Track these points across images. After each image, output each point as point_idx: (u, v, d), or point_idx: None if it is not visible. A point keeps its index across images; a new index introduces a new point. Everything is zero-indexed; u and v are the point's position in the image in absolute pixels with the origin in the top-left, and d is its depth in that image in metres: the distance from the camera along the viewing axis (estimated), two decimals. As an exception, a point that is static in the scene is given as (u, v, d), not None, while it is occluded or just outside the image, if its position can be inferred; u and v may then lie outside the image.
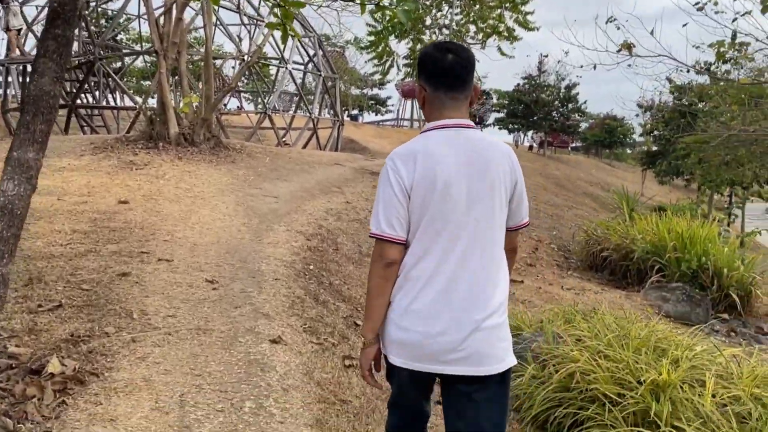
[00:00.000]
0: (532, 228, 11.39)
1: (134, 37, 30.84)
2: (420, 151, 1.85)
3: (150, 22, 10.68)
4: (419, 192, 1.82)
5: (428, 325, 1.82)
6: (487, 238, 1.86)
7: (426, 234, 1.84)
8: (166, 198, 7.28)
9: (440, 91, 1.91)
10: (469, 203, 1.83)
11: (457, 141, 1.87)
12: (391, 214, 1.83)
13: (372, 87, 52.35)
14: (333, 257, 6.02)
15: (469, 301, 1.82)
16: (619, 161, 61.88)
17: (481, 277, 1.84)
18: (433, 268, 1.83)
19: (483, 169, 1.85)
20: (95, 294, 3.75)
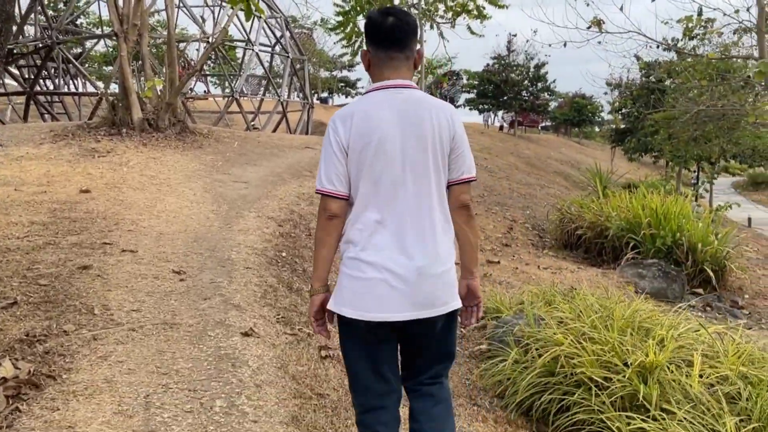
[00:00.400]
0: (506, 208, 11.36)
1: (95, 21, 29.89)
2: (357, 111, 1.97)
3: (109, 3, 10.25)
4: (356, 149, 1.93)
5: (376, 272, 1.91)
6: (423, 190, 1.95)
7: (366, 189, 1.94)
8: (130, 186, 7.01)
9: (380, 51, 2.02)
10: (404, 158, 1.93)
11: (394, 100, 1.97)
12: (330, 171, 1.95)
13: (341, 69, 51.78)
14: (306, 243, 5.84)
15: (413, 248, 1.92)
16: (588, 139, 62.59)
17: (422, 225, 1.94)
18: (374, 222, 1.93)
19: (417, 125, 1.95)
20: (53, 289, 3.53)
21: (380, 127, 1.93)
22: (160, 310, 3.44)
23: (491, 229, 9.52)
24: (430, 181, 1.96)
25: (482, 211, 10.52)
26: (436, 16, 18.64)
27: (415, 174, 1.95)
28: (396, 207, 1.93)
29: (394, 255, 1.92)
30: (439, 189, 1.99)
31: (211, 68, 32.07)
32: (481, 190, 12.44)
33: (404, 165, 1.94)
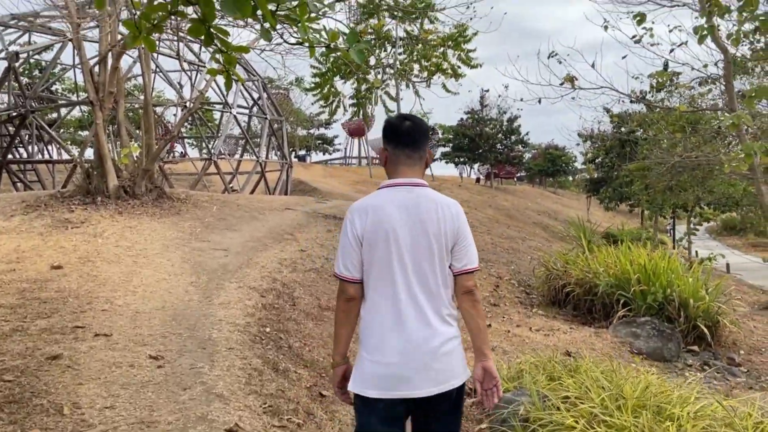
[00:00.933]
0: (490, 264, 11.23)
1: (70, 87, 29.91)
2: (372, 205, 2.23)
3: (84, 72, 10.18)
4: (370, 240, 2.18)
5: (382, 355, 2.15)
6: (429, 280, 2.18)
7: (378, 276, 2.19)
8: (105, 259, 6.74)
9: (398, 150, 2.30)
10: (412, 250, 2.18)
11: (406, 197, 2.23)
12: (347, 260, 2.22)
13: (318, 127, 52.37)
14: (290, 314, 5.61)
15: (422, 333, 2.15)
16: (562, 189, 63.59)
17: (429, 312, 2.17)
18: (384, 305, 2.17)
19: (425, 221, 2.19)
20: (20, 386, 3.24)
21: (392, 221, 2.18)
22: (136, 406, 3.17)
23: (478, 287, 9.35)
24: (436, 271, 2.20)
25: (467, 269, 10.37)
26: (411, 75, 18.95)
27: (421, 264, 2.18)
28: (405, 294, 2.17)
29: (407, 337, 2.15)
30: (443, 278, 2.22)
31: (189, 130, 32.13)
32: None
33: (413, 256, 2.18)
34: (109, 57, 10.08)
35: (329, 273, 7.52)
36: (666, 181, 16.00)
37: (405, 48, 19.22)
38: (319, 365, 4.53)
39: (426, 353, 2.14)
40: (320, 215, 12.29)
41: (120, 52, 9.82)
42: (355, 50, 3.42)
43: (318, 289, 6.71)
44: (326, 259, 8.28)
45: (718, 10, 7.75)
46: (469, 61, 18.38)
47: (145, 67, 10.85)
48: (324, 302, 6.33)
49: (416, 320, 2.16)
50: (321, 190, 25.28)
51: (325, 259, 8.28)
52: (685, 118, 13.07)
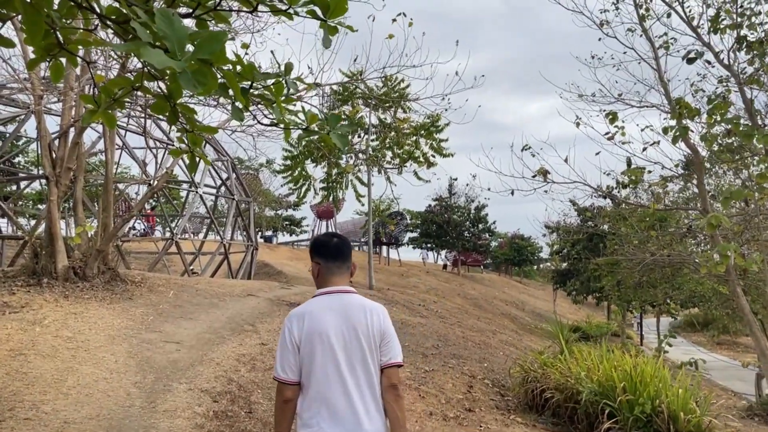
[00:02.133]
0: (462, 361, 10.65)
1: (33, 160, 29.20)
2: (308, 311, 2.47)
3: (42, 146, 9.68)
4: (308, 343, 2.40)
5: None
6: (362, 377, 2.39)
7: (318, 375, 2.38)
8: (40, 352, 6.01)
9: (329, 262, 2.59)
10: (346, 351, 2.39)
11: (338, 303, 2.48)
12: (285, 363, 2.41)
13: (287, 208, 52.10)
14: (246, 425, 4.95)
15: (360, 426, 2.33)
16: (528, 278, 63.84)
17: (359, 409, 2.35)
18: (325, 407, 2.35)
19: (356, 324, 2.43)
20: None
21: (326, 326, 2.41)
22: None
23: (450, 388, 8.74)
24: (368, 368, 2.41)
25: (439, 366, 9.77)
26: (383, 161, 18.92)
27: (354, 363, 2.40)
28: (340, 391, 2.36)
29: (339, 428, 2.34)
30: (375, 375, 2.43)
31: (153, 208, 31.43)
32: (435, 340, 11.76)
33: (346, 356, 2.39)
34: (71, 132, 9.65)
35: (291, 372, 6.88)
36: (637, 278, 15.89)
37: (377, 135, 19.30)
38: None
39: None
40: (284, 303, 11.66)
41: (82, 128, 9.40)
42: (337, 134, 3.08)
43: (278, 392, 6.05)
44: (289, 354, 7.64)
45: (688, 113, 7.77)
46: (441, 150, 18.47)
47: (109, 143, 10.43)
48: (284, 408, 5.68)
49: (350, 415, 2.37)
50: (286, 274, 24.59)
51: (288, 354, 7.64)
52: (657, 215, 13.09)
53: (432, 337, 12.01)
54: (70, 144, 9.61)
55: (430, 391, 8.26)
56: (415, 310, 15.59)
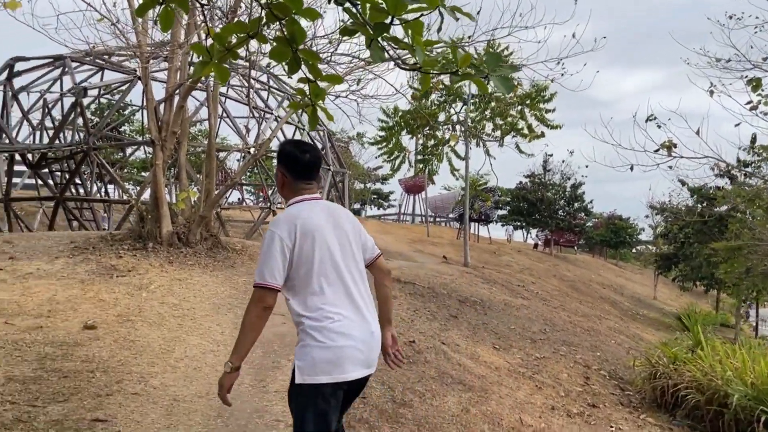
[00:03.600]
0: (573, 348, 9.84)
1: (138, 129, 30.33)
2: (297, 216, 2.46)
3: (149, 110, 9.61)
4: (302, 244, 2.40)
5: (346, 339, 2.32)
6: (357, 270, 2.52)
7: (318, 274, 2.39)
8: (147, 319, 5.80)
9: (298, 179, 2.56)
10: (339, 246, 2.48)
11: (318, 207, 2.53)
12: (273, 269, 2.36)
13: (375, 181, 52.01)
14: (361, 413, 4.48)
15: (369, 319, 2.44)
16: (623, 261, 60.78)
17: (362, 297, 2.46)
18: (338, 299, 2.38)
19: (340, 223, 2.53)
20: None
21: (320, 226, 2.45)
22: None
23: (566, 379, 8.00)
24: (357, 262, 2.54)
25: (549, 353, 9.02)
26: (482, 133, 18.02)
27: (346, 258, 2.48)
28: (342, 285, 2.42)
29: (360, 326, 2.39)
30: (363, 270, 2.57)
31: (248, 177, 31.99)
32: (542, 324, 10.98)
33: (339, 251, 2.47)
34: (176, 95, 9.50)
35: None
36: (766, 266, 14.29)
37: (476, 106, 18.38)
38: None
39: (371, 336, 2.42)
40: (383, 277, 11.24)
41: (187, 90, 9.22)
42: (498, 77, 2.46)
43: (390, 376, 5.55)
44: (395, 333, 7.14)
45: None
46: (546, 121, 17.35)
47: (212, 109, 10.25)
48: (399, 395, 5.17)
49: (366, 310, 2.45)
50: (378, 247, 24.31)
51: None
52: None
53: (538, 321, 11.23)
54: (175, 108, 9.48)
55: (546, 382, 7.55)
56: (516, 291, 14.78)
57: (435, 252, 26.62)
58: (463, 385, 6.08)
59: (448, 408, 5.28)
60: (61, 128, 14.20)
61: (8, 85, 13.76)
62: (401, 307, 8.85)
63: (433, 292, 10.88)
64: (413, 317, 8.40)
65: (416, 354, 6.53)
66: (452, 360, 6.87)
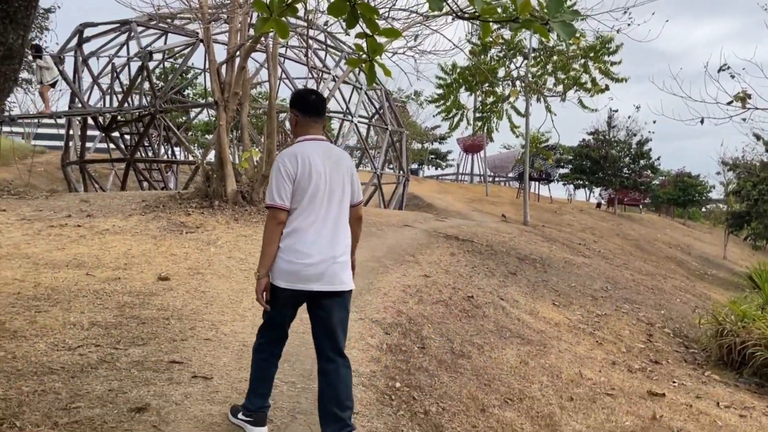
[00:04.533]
0: (636, 306, 9.69)
1: (201, 92, 31.01)
2: (299, 152, 2.93)
3: (211, 71, 9.84)
4: (301, 177, 2.87)
5: (305, 258, 2.84)
6: (340, 206, 2.96)
7: (306, 203, 2.88)
8: (216, 272, 6.08)
9: (307, 116, 3.04)
10: (330, 185, 2.93)
11: (320, 147, 2.98)
12: (282, 192, 2.86)
13: (432, 141, 51.59)
14: (421, 362, 4.60)
15: (328, 245, 2.88)
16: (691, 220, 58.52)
17: (335, 230, 2.92)
18: (309, 224, 2.87)
19: (336, 164, 2.98)
20: (88, 454, 2.45)
21: (315, 163, 2.90)
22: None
23: (628, 336, 7.92)
24: (344, 200, 2.99)
25: (611, 311, 8.93)
26: (544, 89, 17.55)
27: (334, 195, 2.94)
28: (322, 215, 2.90)
29: (325, 249, 2.87)
30: (347, 205, 3.01)
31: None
32: (603, 282, 10.83)
33: (329, 189, 2.92)
34: (237, 56, 9.67)
35: (460, 307, 6.46)
36: None
37: (537, 60, 17.86)
38: None
39: (332, 261, 2.86)
40: (441, 235, 11.28)
41: (248, 51, 9.37)
42: (560, 23, 2.44)
43: (449, 329, 5.65)
44: (453, 288, 7.23)
45: None
46: (610, 75, 16.71)
47: (272, 69, 10.38)
48: (457, 346, 5.27)
49: (334, 237, 2.89)
50: (436, 207, 24.29)
51: (453, 288, 7.23)
52: None
53: (599, 279, 11.07)
54: (236, 69, 9.67)
55: (606, 338, 7.51)
56: (576, 249, 14.57)
57: (494, 211, 26.40)
58: (522, 339, 6.12)
59: (507, 360, 5.35)
60: (130, 92, 14.71)
61: (79, 51, 14.30)
62: (459, 264, 8.91)
63: (492, 249, 10.87)
64: (471, 273, 8.45)
65: (474, 308, 6.60)
66: (511, 315, 6.91)
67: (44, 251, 6.29)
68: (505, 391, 4.62)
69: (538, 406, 4.54)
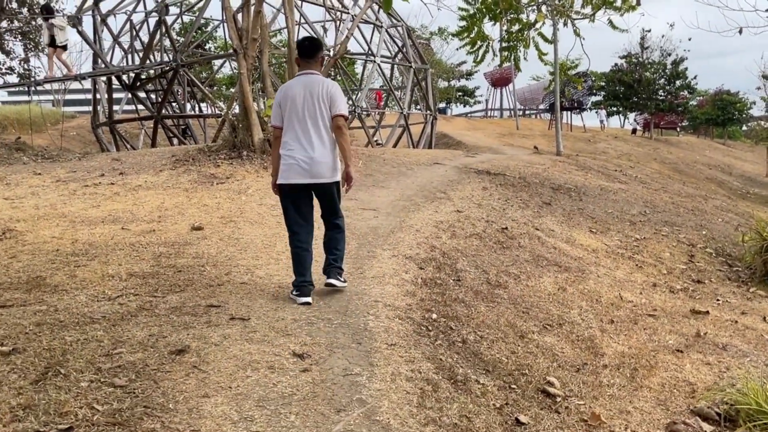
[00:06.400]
0: (677, 229, 9.47)
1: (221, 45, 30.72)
2: (285, 86, 4.06)
3: (227, 18, 9.67)
4: (284, 104, 3.97)
5: (289, 160, 3.92)
6: (317, 123, 3.92)
7: (289, 122, 3.95)
8: (248, 219, 6.11)
9: (302, 58, 4.05)
10: (306, 106, 3.92)
11: (305, 79, 3.97)
12: (275, 115, 4.04)
13: (459, 78, 50.43)
14: (457, 294, 4.58)
15: (309, 149, 3.90)
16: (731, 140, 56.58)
17: (313, 139, 3.91)
18: (293, 137, 3.94)
19: (312, 91, 3.92)
20: (131, 396, 2.50)
21: (294, 92, 3.95)
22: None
23: (668, 258, 7.77)
24: (318, 117, 3.93)
25: (650, 234, 8.75)
26: (571, 11, 16.78)
27: (310, 114, 3.93)
28: (302, 129, 3.93)
29: (302, 153, 3.90)
30: (324, 121, 3.95)
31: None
32: (641, 207, 10.59)
33: (306, 110, 3.93)
34: (252, 2, 9.45)
35: (494, 239, 6.40)
36: None
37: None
38: (504, 369, 3.46)
39: (309, 161, 3.88)
40: (472, 170, 11.13)
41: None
42: None
43: (484, 261, 5.60)
44: (487, 221, 7.15)
45: None
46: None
47: (289, 12, 10.14)
48: (493, 277, 5.23)
49: (308, 144, 3.90)
50: (466, 144, 23.95)
51: (486, 221, 7.15)
52: None
53: (637, 204, 10.83)
54: (252, 14, 9.46)
55: (646, 261, 7.38)
56: (612, 176, 14.24)
57: (525, 144, 25.94)
58: (559, 266, 6.05)
59: (544, 288, 5.30)
60: (150, 48, 14.63)
61: (96, 10, 14.21)
62: (492, 197, 8.79)
63: (525, 181, 10.69)
64: (505, 206, 8.33)
65: (509, 240, 6.53)
66: (547, 244, 6.82)
67: (80, 209, 6.40)
68: (544, 317, 4.59)
69: (578, 330, 4.50)
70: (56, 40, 12.45)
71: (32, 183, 8.08)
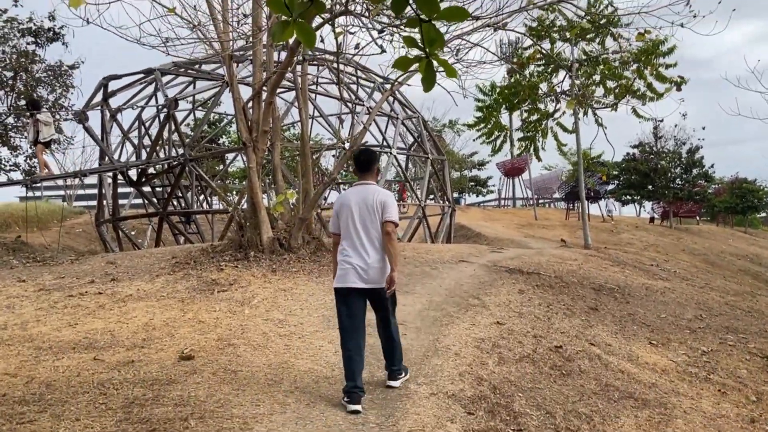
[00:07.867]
0: (741, 336, 8.24)
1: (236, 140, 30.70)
2: (342, 195, 4.38)
3: (236, 110, 9.01)
4: (341, 213, 4.26)
5: (344, 266, 4.13)
6: (370, 231, 4.15)
7: (346, 230, 4.20)
8: (250, 342, 5.04)
9: (358, 171, 4.39)
10: (360, 215, 4.17)
11: (360, 189, 4.27)
12: (334, 224, 4.33)
13: (471, 168, 50.33)
14: (523, 455, 3.41)
15: (365, 256, 4.11)
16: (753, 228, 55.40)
17: (367, 246, 4.13)
18: (350, 244, 4.16)
19: (365, 200, 4.19)
20: None
21: (350, 202, 4.22)
22: None
23: (747, 376, 6.53)
24: (370, 226, 4.16)
25: (716, 345, 7.53)
26: (592, 101, 16.31)
27: (364, 223, 4.16)
28: (356, 238, 4.15)
29: (358, 259, 4.10)
30: (377, 228, 4.16)
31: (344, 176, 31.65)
32: (695, 310, 9.40)
33: (360, 219, 4.17)
34: (263, 92, 8.82)
35: (549, 363, 5.25)
36: None
37: (582, 72, 16.68)
38: None
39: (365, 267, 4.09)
40: (503, 269, 10.06)
41: (274, 84, 8.50)
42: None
43: (545, 396, 4.45)
44: (535, 337, 6.02)
45: None
46: (664, 79, 15.39)
47: (302, 103, 9.52)
48: (561, 422, 4.07)
49: (364, 251, 4.13)
50: (486, 236, 22.98)
51: (534, 337, 6.02)
52: None
53: (689, 306, 9.65)
54: (263, 105, 8.81)
55: (727, 383, 6.14)
56: (651, 272, 13.11)
57: (547, 235, 24.95)
58: (635, 399, 4.87)
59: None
60: (157, 142, 14.11)
61: (105, 106, 13.81)
62: (532, 303, 7.69)
63: (562, 281, 9.59)
64: (548, 314, 7.22)
65: (567, 362, 5.38)
66: (610, 366, 5.65)
67: (53, 330, 5.37)
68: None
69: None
70: (40, 135, 11.75)
71: (11, 293, 7.11)
